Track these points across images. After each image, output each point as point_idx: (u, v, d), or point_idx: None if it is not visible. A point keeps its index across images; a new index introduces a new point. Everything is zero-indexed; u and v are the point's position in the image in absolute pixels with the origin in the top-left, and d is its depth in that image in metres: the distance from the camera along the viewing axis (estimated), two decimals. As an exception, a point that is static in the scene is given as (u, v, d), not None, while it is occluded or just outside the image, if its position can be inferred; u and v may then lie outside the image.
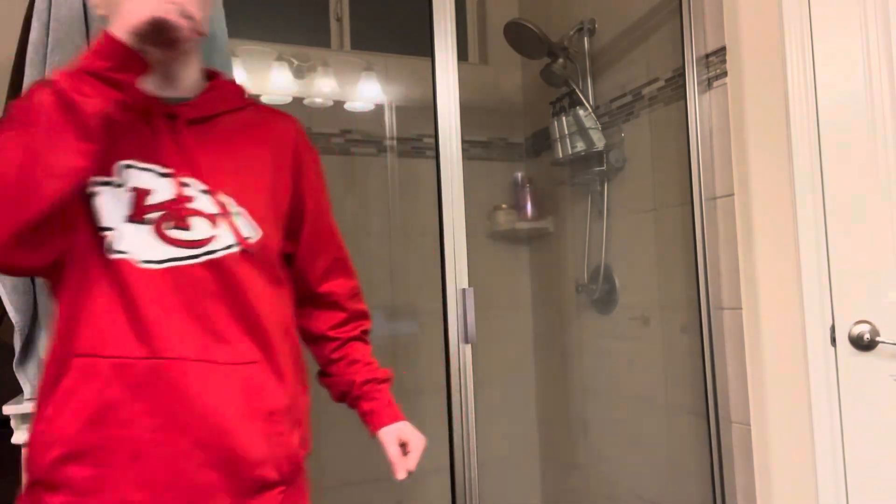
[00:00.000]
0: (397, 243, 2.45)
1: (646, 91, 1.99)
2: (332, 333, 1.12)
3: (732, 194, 1.65)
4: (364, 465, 2.33)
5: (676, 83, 1.84)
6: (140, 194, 0.87)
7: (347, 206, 2.39)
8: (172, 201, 0.88)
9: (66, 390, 0.82)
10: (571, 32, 2.27)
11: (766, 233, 1.57)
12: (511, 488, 2.59)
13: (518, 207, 2.58)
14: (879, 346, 1.39)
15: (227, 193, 0.91)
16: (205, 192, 0.90)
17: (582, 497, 2.37)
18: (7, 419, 1.16)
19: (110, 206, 0.86)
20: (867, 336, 1.39)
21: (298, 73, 2.34)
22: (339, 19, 2.55)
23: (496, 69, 2.71)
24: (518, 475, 2.61)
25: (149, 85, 0.93)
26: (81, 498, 0.81)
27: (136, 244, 0.86)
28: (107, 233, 0.85)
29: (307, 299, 1.10)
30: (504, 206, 2.58)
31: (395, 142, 2.48)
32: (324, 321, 1.11)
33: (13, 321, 1.15)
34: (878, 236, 1.39)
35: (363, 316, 1.16)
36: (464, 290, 1.35)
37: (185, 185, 0.89)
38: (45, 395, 0.85)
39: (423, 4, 1.41)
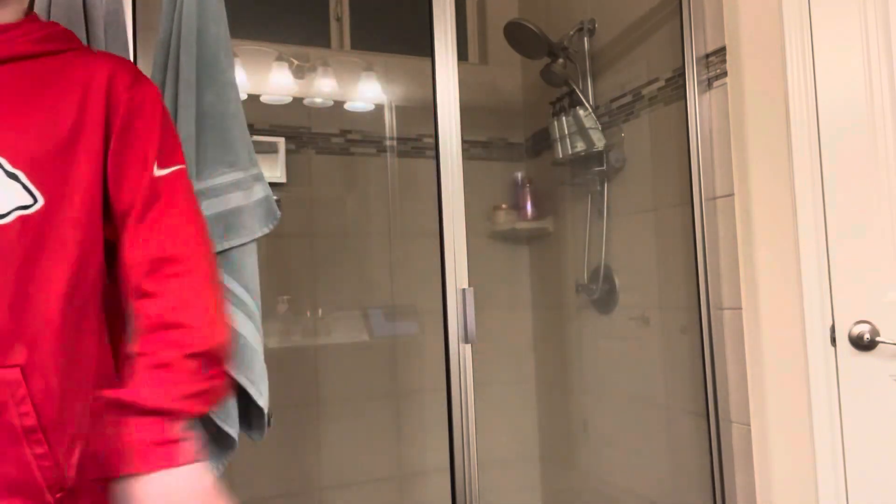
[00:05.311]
0: (397, 243, 2.45)
1: (646, 91, 1.99)
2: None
3: (732, 194, 1.65)
4: (364, 465, 2.33)
5: (676, 83, 1.84)
6: None
7: (347, 206, 2.39)
8: None
9: None
10: (571, 32, 2.27)
11: (766, 233, 1.57)
12: (511, 488, 2.59)
13: (518, 207, 2.58)
14: (879, 346, 1.39)
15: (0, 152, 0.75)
16: None
17: (582, 497, 2.37)
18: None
19: None
20: (867, 336, 1.39)
21: (298, 73, 2.34)
22: (339, 19, 2.55)
23: (496, 69, 2.71)
24: (518, 475, 2.61)
25: None
26: None
27: None
28: None
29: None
30: (504, 206, 2.57)
31: (395, 142, 2.48)
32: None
33: None
34: (878, 236, 1.39)
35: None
36: (464, 290, 1.35)
37: None
38: None
39: (423, 4, 1.41)
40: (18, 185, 0.75)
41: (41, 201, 0.76)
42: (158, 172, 0.84)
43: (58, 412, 0.76)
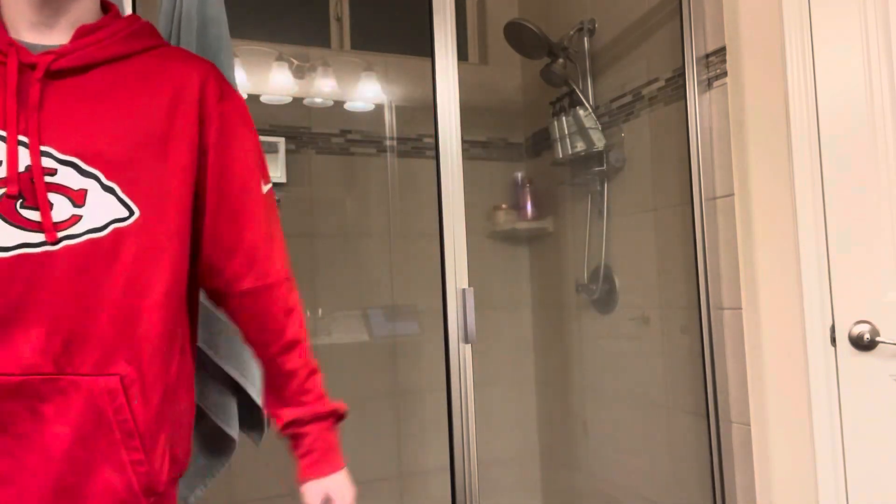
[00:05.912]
0: (397, 243, 2.45)
1: (646, 91, 1.99)
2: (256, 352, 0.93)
3: (732, 194, 1.65)
4: (364, 465, 2.33)
5: (676, 83, 1.84)
6: None
7: (347, 206, 2.39)
8: (25, 174, 0.72)
9: None
10: (571, 32, 2.27)
11: (766, 233, 1.57)
12: (511, 488, 2.59)
13: (518, 207, 2.58)
14: (879, 346, 1.39)
15: (94, 165, 0.75)
16: (67, 162, 0.74)
17: (582, 497, 2.37)
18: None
19: None
20: (867, 336, 1.39)
21: (298, 73, 2.34)
22: (339, 19, 2.55)
23: (496, 69, 2.71)
24: (518, 475, 2.61)
25: (22, 28, 0.78)
26: None
27: None
28: None
29: (221, 298, 0.89)
30: (504, 206, 2.57)
31: (395, 142, 2.48)
32: (246, 332, 0.91)
33: None
34: (878, 236, 1.39)
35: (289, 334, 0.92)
36: (464, 290, 1.35)
37: (44, 154, 0.73)
38: None
39: (423, 4, 1.41)
40: (114, 198, 0.76)
41: (137, 213, 0.77)
42: (265, 188, 0.89)
43: (154, 419, 0.78)
